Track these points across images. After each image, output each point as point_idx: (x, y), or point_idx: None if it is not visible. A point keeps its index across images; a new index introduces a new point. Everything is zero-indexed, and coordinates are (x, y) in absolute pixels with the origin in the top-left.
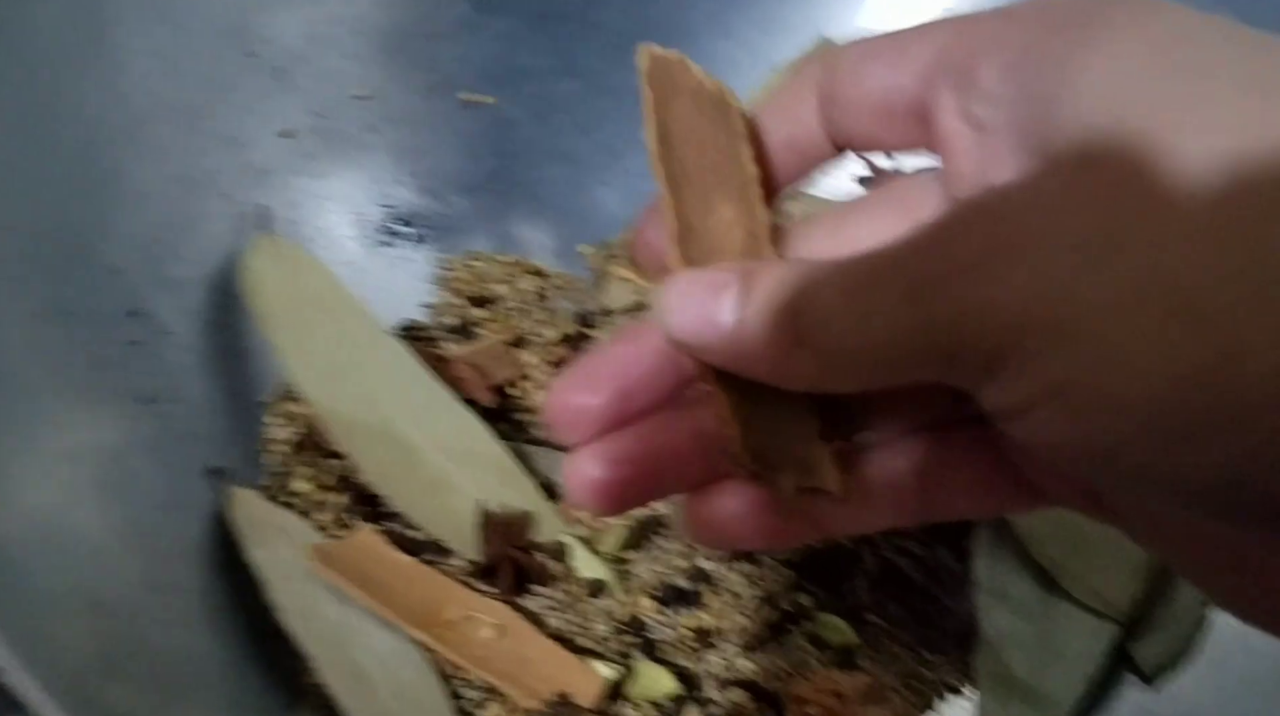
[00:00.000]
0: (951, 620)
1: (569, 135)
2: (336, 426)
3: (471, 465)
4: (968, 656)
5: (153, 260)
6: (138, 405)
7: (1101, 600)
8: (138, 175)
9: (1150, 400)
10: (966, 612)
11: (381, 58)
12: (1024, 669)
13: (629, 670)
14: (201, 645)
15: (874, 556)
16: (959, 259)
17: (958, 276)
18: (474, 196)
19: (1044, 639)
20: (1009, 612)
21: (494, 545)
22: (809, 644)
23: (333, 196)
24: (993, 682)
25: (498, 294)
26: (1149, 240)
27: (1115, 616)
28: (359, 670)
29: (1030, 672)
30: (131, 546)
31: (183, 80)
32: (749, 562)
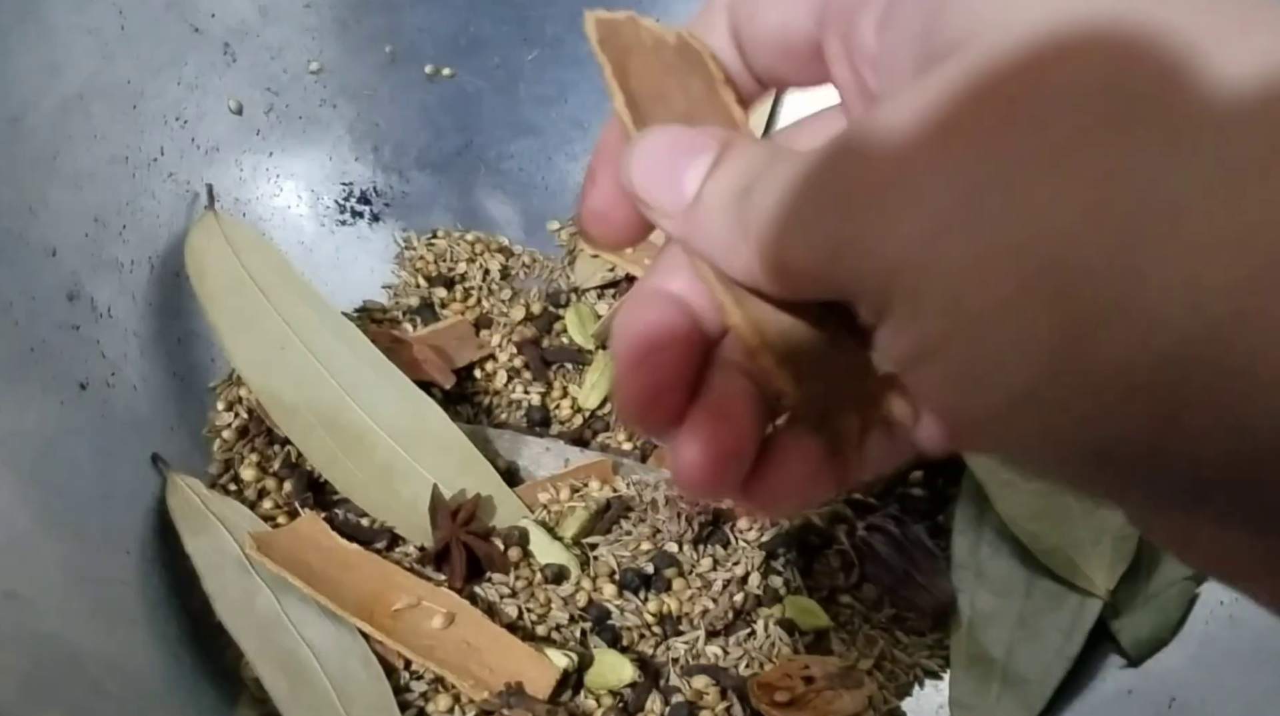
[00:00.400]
0: (929, 600)
1: (533, 107)
2: (277, 410)
3: (426, 449)
4: (946, 638)
5: (93, 242)
6: (74, 391)
7: (1084, 577)
8: (75, 155)
9: (1009, 373)
10: (945, 592)
11: (337, 30)
12: (1002, 649)
13: (586, 659)
14: (134, 639)
15: (848, 536)
16: (855, 188)
17: (857, 207)
18: (436, 172)
19: (1023, 617)
20: (988, 591)
21: (444, 529)
22: (779, 628)
23: (287, 174)
24: (969, 664)
25: (461, 273)
26: (1023, 186)
27: (1098, 594)
28: (296, 662)
29: (1008, 653)
30: (58, 535)
31: (122, 57)
32: (718, 545)
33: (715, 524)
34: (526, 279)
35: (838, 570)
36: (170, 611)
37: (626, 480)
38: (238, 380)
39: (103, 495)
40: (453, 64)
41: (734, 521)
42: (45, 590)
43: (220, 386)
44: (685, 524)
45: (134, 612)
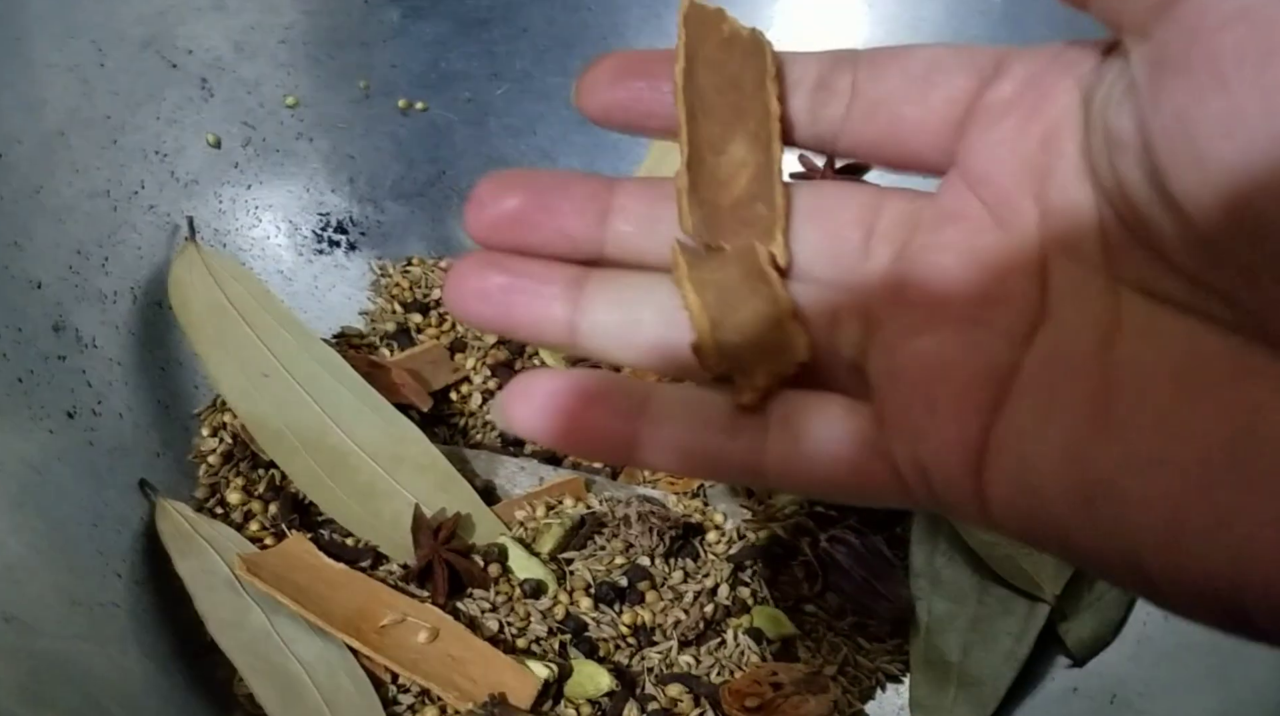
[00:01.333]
0: (889, 607)
1: (502, 139)
2: (261, 433)
3: (406, 470)
4: (906, 644)
5: (76, 274)
6: (61, 419)
7: (1031, 582)
8: (58, 189)
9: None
10: (903, 600)
11: (311, 65)
12: (957, 653)
13: (565, 669)
14: (127, 660)
15: (811, 547)
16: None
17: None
18: (409, 202)
19: (977, 622)
20: (943, 598)
21: (426, 547)
22: (747, 637)
23: (265, 205)
24: (927, 667)
25: (436, 299)
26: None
27: (1045, 599)
28: (288, 677)
29: (963, 656)
30: (50, 560)
31: (102, 93)
32: (688, 558)
33: (685, 538)
34: None
35: (802, 580)
36: (161, 631)
37: (599, 497)
38: (222, 406)
39: (92, 520)
40: (425, 98)
41: (703, 535)
42: (40, 614)
43: (205, 412)
44: (656, 538)
45: (126, 633)
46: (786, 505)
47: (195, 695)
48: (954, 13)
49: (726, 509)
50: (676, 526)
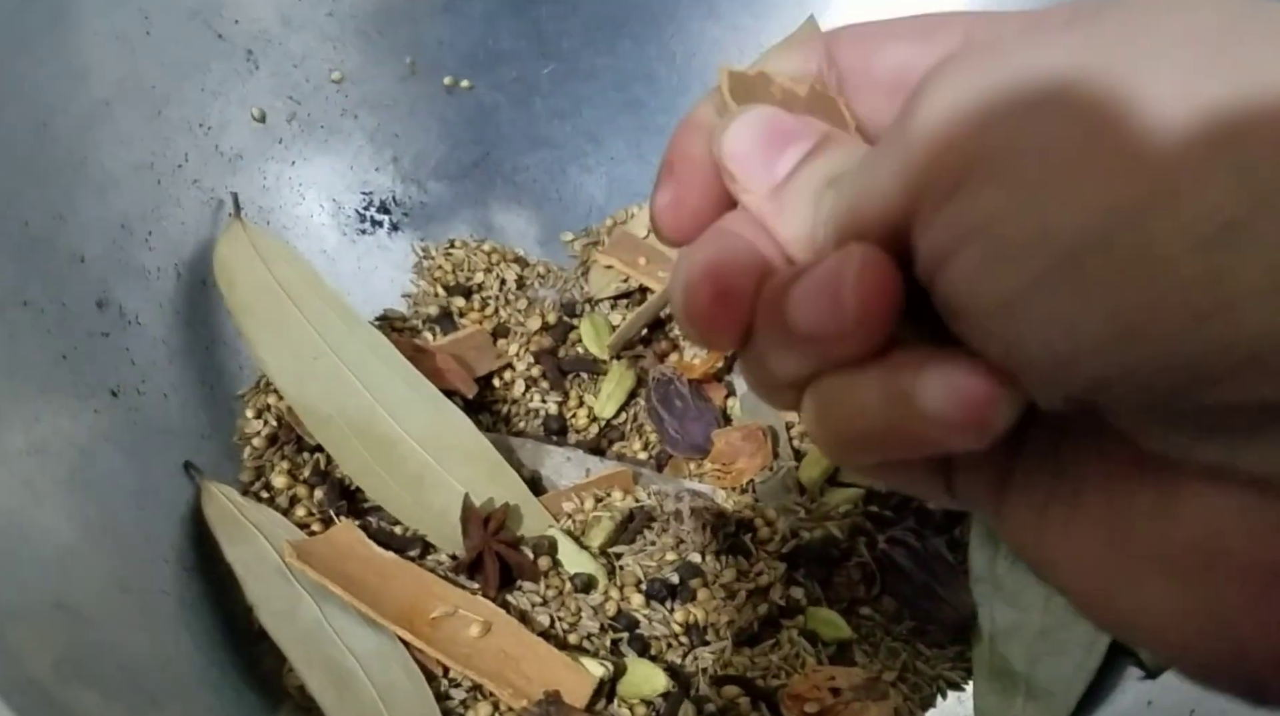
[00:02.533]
0: (949, 613)
1: (548, 120)
2: (310, 418)
3: (455, 459)
4: (968, 650)
5: (120, 249)
6: (106, 398)
7: None
8: (102, 161)
9: (1068, 232)
10: (964, 605)
11: (358, 40)
12: (1023, 662)
13: (619, 668)
14: (178, 649)
15: (869, 548)
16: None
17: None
18: (453, 183)
19: (1044, 631)
20: (1007, 605)
21: (476, 539)
22: (802, 639)
23: (308, 183)
24: (991, 677)
25: (478, 283)
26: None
27: None
28: (341, 671)
29: (1030, 666)
30: (101, 546)
31: (147, 63)
32: (740, 556)
33: (736, 534)
34: (541, 289)
35: (858, 582)
36: (211, 619)
37: (647, 490)
38: (266, 388)
39: (140, 504)
40: (471, 76)
41: (754, 532)
42: (92, 601)
43: (249, 394)
44: (709, 535)
45: (176, 621)
46: (840, 503)
47: (246, 686)
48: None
49: (777, 506)
50: (729, 522)
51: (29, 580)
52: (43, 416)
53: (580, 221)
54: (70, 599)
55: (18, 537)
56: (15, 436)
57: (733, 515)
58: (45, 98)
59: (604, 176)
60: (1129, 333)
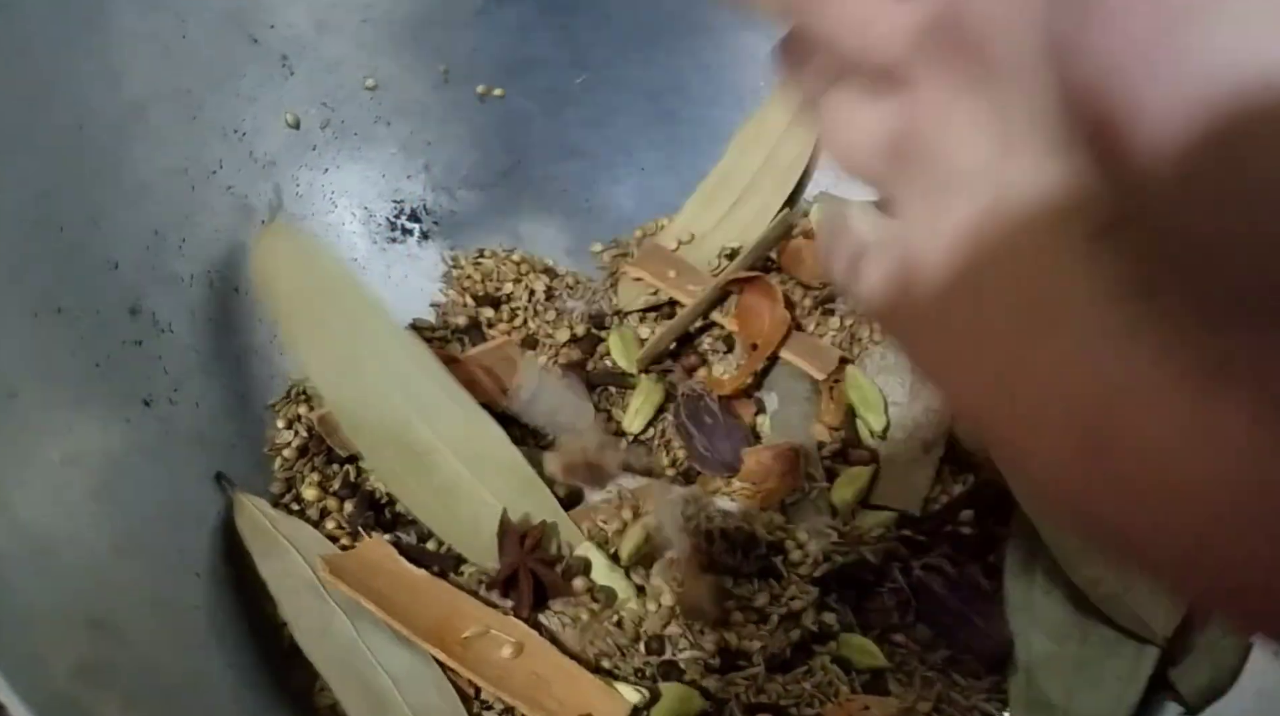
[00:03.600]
0: (986, 642)
1: (579, 129)
2: (348, 423)
3: (488, 470)
4: (1003, 681)
5: (153, 255)
6: (139, 408)
7: (1141, 624)
8: (135, 165)
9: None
10: (1001, 635)
11: (391, 47)
12: (1060, 695)
13: (654, 693)
14: (208, 664)
15: (903, 574)
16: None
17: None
18: (483, 192)
19: (1081, 664)
20: (1043, 636)
21: (511, 555)
22: (835, 666)
23: (340, 191)
24: (1029, 709)
25: (507, 293)
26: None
27: (1156, 642)
28: (376, 691)
29: (1068, 698)
30: (132, 559)
31: (182, 67)
32: (772, 579)
33: (767, 556)
34: (570, 300)
35: (892, 608)
36: (241, 635)
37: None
38: (297, 398)
39: (171, 515)
40: (503, 84)
41: (785, 554)
42: (122, 615)
43: (279, 404)
44: (740, 556)
45: (206, 636)
46: (873, 527)
47: (276, 703)
48: None
49: (809, 527)
50: (759, 544)
51: (58, 591)
52: (75, 426)
53: (609, 232)
54: (100, 612)
55: (48, 549)
56: (48, 447)
57: (763, 537)
58: (81, 99)
59: (634, 187)
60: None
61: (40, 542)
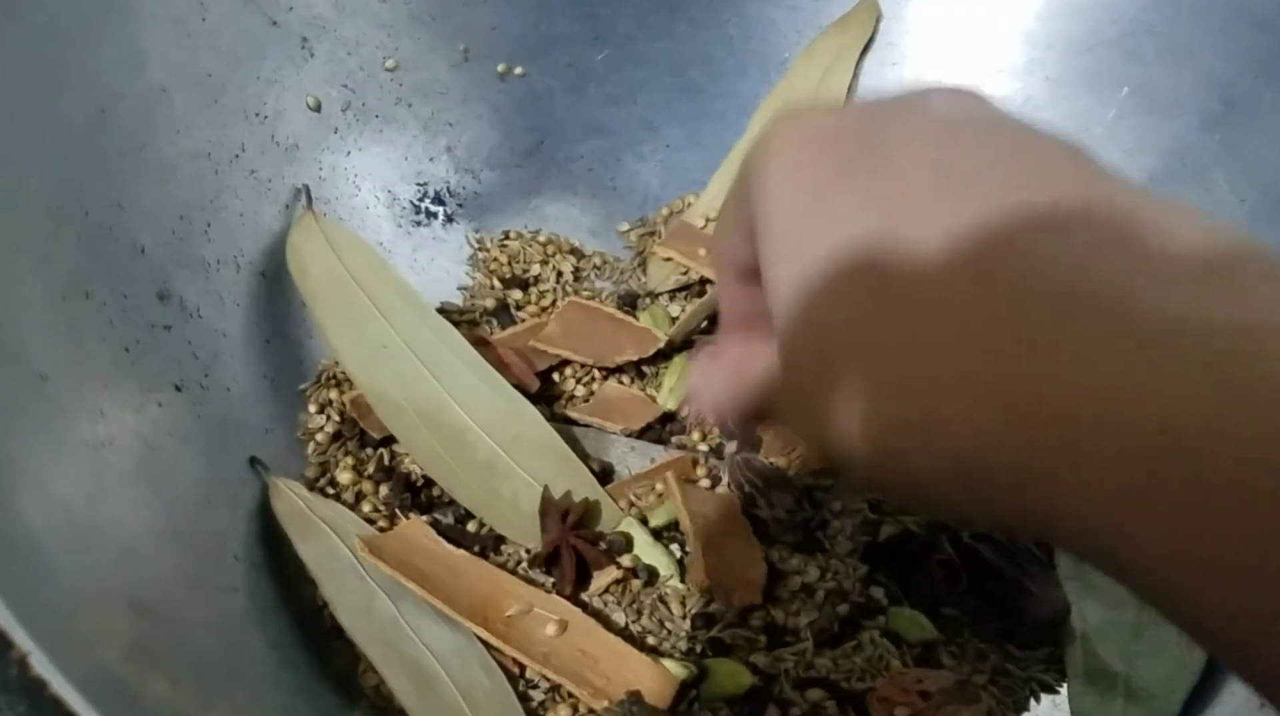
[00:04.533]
0: (1044, 609)
1: (602, 107)
2: (384, 407)
3: (523, 450)
4: (1058, 651)
5: (180, 240)
6: (170, 392)
7: None
8: (160, 149)
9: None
10: (1059, 600)
11: (411, 26)
12: (1121, 662)
13: (701, 668)
14: (249, 647)
15: (952, 543)
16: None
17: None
18: (506, 172)
19: (1139, 629)
20: (1099, 603)
21: (553, 532)
22: (885, 640)
23: (364, 174)
24: (1087, 678)
25: (535, 275)
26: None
27: None
28: (422, 670)
29: (1128, 666)
30: (169, 542)
31: (204, 50)
32: (817, 552)
33: (809, 529)
34: (599, 281)
35: (940, 580)
36: (281, 617)
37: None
38: (328, 382)
39: (206, 499)
40: (524, 63)
41: (826, 527)
42: (161, 597)
43: (310, 388)
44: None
45: (246, 619)
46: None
47: (319, 685)
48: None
49: (849, 501)
50: (802, 517)
51: (99, 574)
52: (107, 410)
53: (635, 211)
54: (140, 594)
55: (88, 529)
56: (82, 429)
57: (800, 485)
58: (104, 83)
59: (659, 164)
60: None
61: (78, 524)
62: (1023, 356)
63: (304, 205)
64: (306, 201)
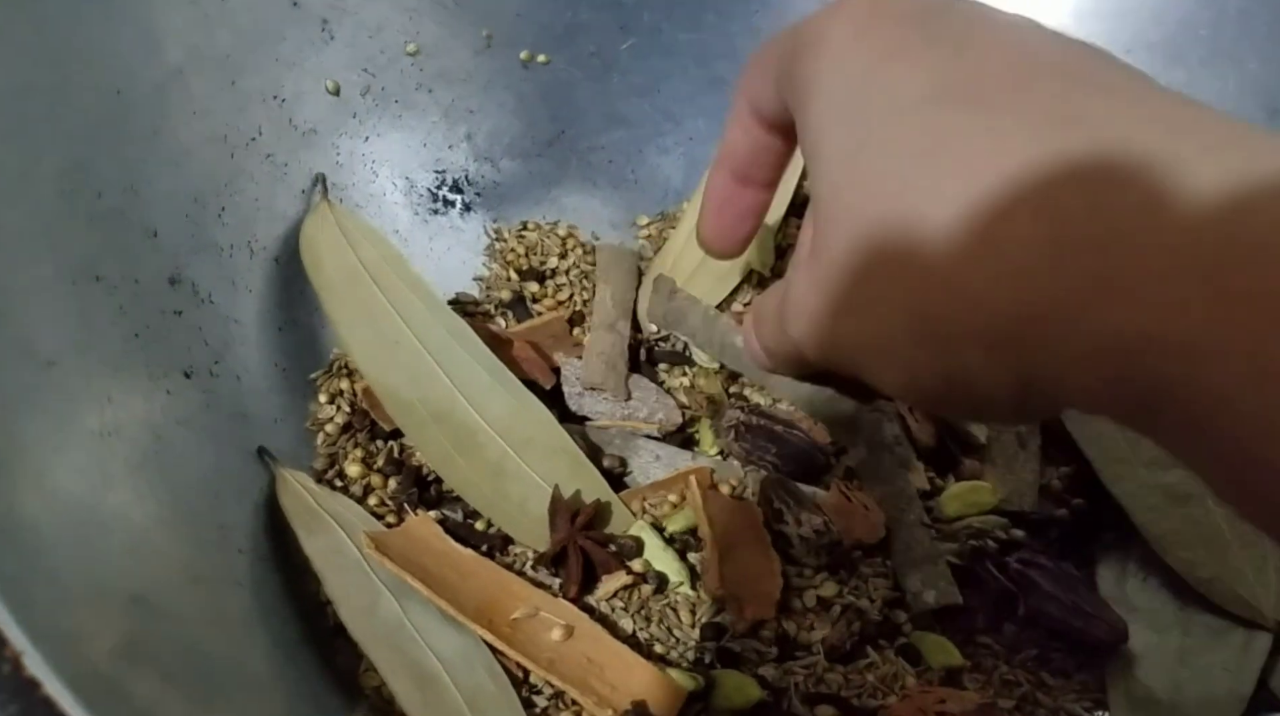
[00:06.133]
0: (1103, 629)
1: (625, 97)
2: (393, 403)
3: (535, 452)
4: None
5: (193, 224)
6: (179, 379)
7: (1248, 606)
8: (175, 132)
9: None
10: (1118, 620)
11: (434, 10)
12: (1166, 689)
13: (709, 679)
14: (251, 643)
15: (1000, 570)
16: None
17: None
18: (527, 162)
19: (1185, 655)
20: (1143, 626)
21: (562, 532)
22: (900, 658)
23: (381, 160)
24: (1131, 706)
25: (552, 267)
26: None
27: (1268, 626)
28: (425, 673)
29: (1175, 692)
30: (173, 533)
31: (221, 31)
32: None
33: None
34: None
35: (976, 611)
36: (285, 613)
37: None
38: (339, 371)
39: (213, 490)
40: (548, 51)
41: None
42: (166, 593)
43: (321, 378)
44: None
45: (250, 614)
46: (953, 519)
47: (321, 684)
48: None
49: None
50: (836, 542)
51: (102, 568)
52: (115, 397)
53: (656, 205)
54: (143, 589)
55: (90, 523)
56: (88, 417)
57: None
58: (119, 65)
59: (682, 157)
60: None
61: (82, 515)
62: (1082, 203)
63: (320, 195)
64: (322, 191)
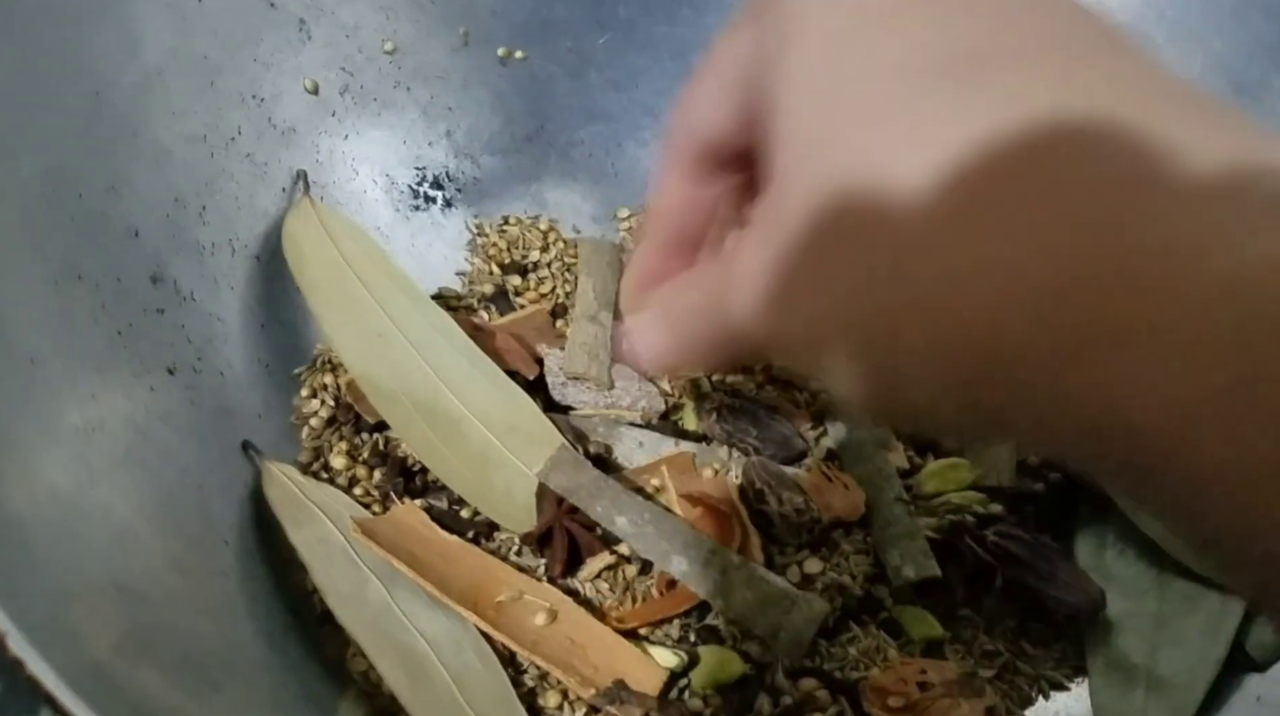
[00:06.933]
0: (1079, 597)
1: (603, 92)
2: (375, 395)
3: (519, 440)
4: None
5: (174, 223)
6: (163, 376)
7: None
8: (155, 133)
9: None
10: (1095, 587)
11: (411, 9)
12: (1143, 654)
13: (692, 655)
14: (239, 633)
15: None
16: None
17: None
18: (506, 157)
19: (1161, 621)
20: (1119, 595)
21: (548, 513)
22: (882, 632)
23: (361, 158)
24: (1108, 670)
25: (534, 261)
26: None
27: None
28: (413, 655)
29: (1150, 657)
30: (159, 527)
31: (199, 32)
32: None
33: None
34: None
35: (958, 585)
36: (272, 603)
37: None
38: (323, 366)
39: (198, 484)
40: (525, 47)
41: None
42: (151, 583)
43: (305, 373)
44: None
45: (237, 604)
46: (932, 496)
47: (309, 671)
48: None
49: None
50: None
51: (87, 560)
52: (98, 394)
53: (636, 198)
54: (128, 580)
55: (76, 516)
56: (71, 414)
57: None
58: (99, 67)
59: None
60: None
61: (67, 509)
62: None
63: (301, 191)
64: (304, 188)
